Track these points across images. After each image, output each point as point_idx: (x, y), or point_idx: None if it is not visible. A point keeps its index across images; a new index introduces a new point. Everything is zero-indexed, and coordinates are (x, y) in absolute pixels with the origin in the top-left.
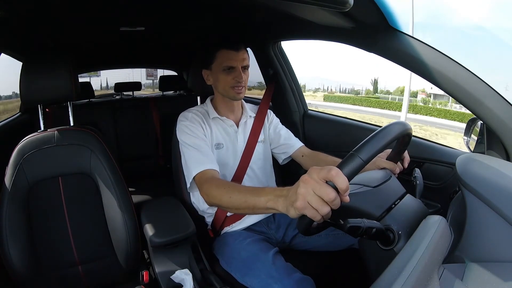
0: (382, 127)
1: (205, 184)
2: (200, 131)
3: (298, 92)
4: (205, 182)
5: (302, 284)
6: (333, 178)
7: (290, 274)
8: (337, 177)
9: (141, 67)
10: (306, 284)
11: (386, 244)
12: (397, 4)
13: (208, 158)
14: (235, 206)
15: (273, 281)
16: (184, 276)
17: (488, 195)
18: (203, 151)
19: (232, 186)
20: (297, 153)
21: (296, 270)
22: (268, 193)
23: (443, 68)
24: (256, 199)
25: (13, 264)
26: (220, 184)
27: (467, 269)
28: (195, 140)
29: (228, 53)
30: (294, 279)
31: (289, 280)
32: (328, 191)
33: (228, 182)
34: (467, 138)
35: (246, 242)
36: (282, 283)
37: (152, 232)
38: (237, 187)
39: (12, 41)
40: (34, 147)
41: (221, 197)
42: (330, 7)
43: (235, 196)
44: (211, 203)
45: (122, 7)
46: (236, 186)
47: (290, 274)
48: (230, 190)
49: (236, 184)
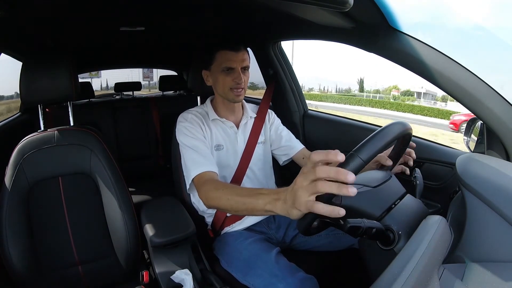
0: (382, 127)
1: (204, 186)
2: (200, 132)
3: (298, 92)
4: (204, 184)
5: (306, 283)
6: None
7: (294, 273)
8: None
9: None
10: (310, 283)
11: (386, 244)
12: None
13: (207, 160)
14: (233, 209)
15: (277, 280)
16: (184, 276)
17: (488, 195)
18: (202, 153)
19: (230, 188)
20: (298, 155)
21: (300, 269)
22: (266, 195)
23: (443, 68)
24: (254, 202)
25: (13, 264)
26: (218, 186)
27: (467, 269)
28: (194, 141)
29: (227, 54)
30: (298, 278)
31: (293, 278)
32: (325, 169)
33: (227, 184)
34: (467, 138)
35: (247, 242)
36: (287, 281)
37: (152, 232)
38: (235, 189)
39: (12, 41)
40: (34, 147)
41: (220, 200)
42: (330, 7)
43: (234, 199)
44: (210, 205)
45: (122, 7)
46: (234, 188)
47: (294, 273)
48: (228, 193)
49: (235, 186)
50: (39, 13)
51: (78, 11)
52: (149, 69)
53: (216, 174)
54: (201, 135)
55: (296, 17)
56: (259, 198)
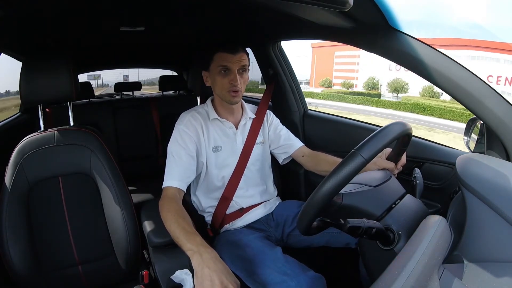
0: (383, 127)
1: (164, 199)
2: (192, 138)
3: (298, 92)
4: (165, 198)
5: (316, 282)
6: None
7: (305, 271)
8: None
9: (141, 67)
10: (320, 282)
11: (386, 244)
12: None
13: (181, 174)
14: (171, 234)
15: (289, 278)
16: (184, 276)
17: (488, 195)
18: (180, 165)
19: (176, 217)
20: (298, 153)
21: (309, 268)
22: (194, 244)
23: (443, 68)
24: (183, 242)
25: (13, 264)
26: (171, 209)
27: (467, 269)
28: (179, 150)
29: (224, 55)
30: (309, 276)
31: (305, 277)
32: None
33: (178, 211)
34: (467, 138)
35: (249, 239)
36: (298, 280)
37: (152, 232)
38: (179, 221)
39: (12, 41)
40: (34, 147)
41: (165, 221)
42: (330, 7)
43: (173, 229)
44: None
45: (122, 7)
46: (179, 219)
47: (305, 271)
48: (173, 220)
49: (182, 216)
50: (39, 13)
51: (78, 11)
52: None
53: (181, 191)
54: (192, 141)
55: (296, 17)
56: (188, 242)
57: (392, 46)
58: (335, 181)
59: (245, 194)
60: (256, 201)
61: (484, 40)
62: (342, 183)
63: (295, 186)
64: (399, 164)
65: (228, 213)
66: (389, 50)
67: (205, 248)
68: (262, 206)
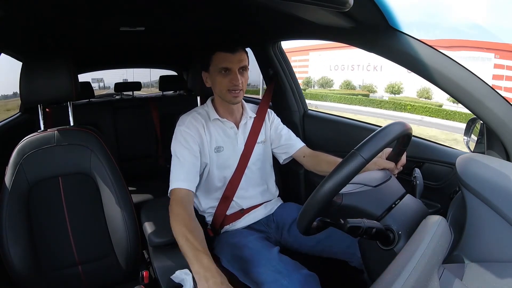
0: (383, 127)
1: (172, 205)
2: (195, 138)
3: (298, 92)
4: (173, 203)
5: (309, 280)
6: None
7: (298, 269)
8: None
9: (141, 67)
10: (313, 280)
11: (386, 244)
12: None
13: (188, 175)
14: (178, 245)
15: (281, 276)
16: (184, 276)
17: (488, 195)
18: (186, 166)
19: (185, 231)
20: (298, 153)
21: (303, 266)
22: (201, 267)
23: (443, 68)
24: (191, 261)
25: (13, 264)
26: (179, 218)
27: (467, 269)
28: (183, 151)
29: (224, 55)
30: (302, 274)
31: (297, 275)
32: None
33: (187, 222)
34: (467, 138)
35: (248, 240)
36: (291, 278)
37: (152, 232)
38: (188, 236)
39: (12, 41)
40: (34, 147)
41: (173, 228)
42: (330, 7)
43: (181, 243)
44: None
45: (122, 7)
46: (188, 233)
47: (298, 270)
48: (182, 234)
49: (190, 229)
50: (39, 13)
51: (78, 11)
52: None
53: (190, 193)
54: (195, 142)
55: (296, 17)
56: (197, 262)
57: (392, 46)
58: (335, 181)
59: (246, 195)
60: (257, 201)
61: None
62: (342, 183)
63: (295, 186)
64: (399, 164)
65: (229, 214)
66: (389, 50)
67: (212, 273)
68: (262, 207)
